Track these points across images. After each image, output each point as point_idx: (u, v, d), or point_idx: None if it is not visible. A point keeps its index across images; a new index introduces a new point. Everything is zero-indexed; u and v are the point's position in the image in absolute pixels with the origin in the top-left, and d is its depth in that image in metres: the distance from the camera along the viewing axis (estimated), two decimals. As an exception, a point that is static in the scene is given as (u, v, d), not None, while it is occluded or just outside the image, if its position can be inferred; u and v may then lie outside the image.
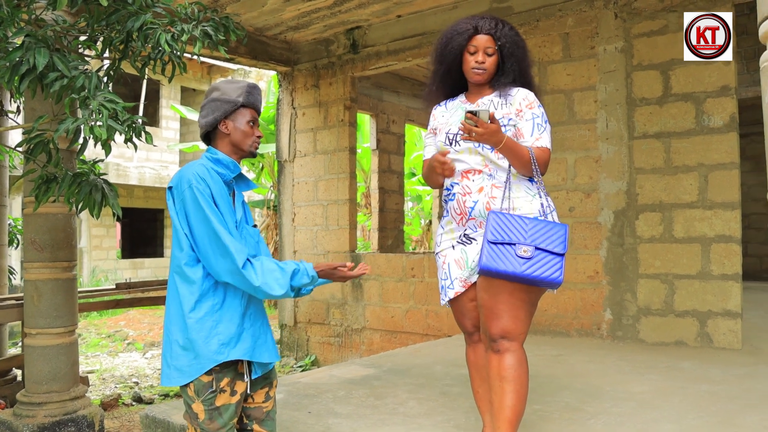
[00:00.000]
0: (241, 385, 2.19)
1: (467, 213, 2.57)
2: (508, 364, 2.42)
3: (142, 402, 6.55)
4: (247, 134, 2.25)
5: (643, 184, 5.20)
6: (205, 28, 3.40)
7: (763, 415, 3.22)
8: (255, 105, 2.28)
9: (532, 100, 2.59)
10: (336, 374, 4.41)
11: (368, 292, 6.97)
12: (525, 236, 2.36)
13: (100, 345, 10.06)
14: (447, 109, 2.75)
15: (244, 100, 2.24)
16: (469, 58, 2.60)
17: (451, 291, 2.65)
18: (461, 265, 2.62)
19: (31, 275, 4.36)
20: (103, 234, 16.70)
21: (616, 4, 5.35)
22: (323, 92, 7.48)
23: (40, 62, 3.04)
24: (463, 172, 2.59)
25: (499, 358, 2.44)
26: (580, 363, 4.54)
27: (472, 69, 2.60)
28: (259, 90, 2.32)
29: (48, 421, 4.19)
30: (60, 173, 3.60)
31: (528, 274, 2.32)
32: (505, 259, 2.34)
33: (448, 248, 2.68)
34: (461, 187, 2.59)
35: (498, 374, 2.44)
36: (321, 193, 7.46)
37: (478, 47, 2.58)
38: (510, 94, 2.61)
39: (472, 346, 2.74)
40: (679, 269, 5.03)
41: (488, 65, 2.59)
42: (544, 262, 2.33)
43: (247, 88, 2.26)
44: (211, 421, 2.14)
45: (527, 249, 2.33)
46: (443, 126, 2.69)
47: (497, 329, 2.45)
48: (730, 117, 4.86)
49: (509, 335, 2.44)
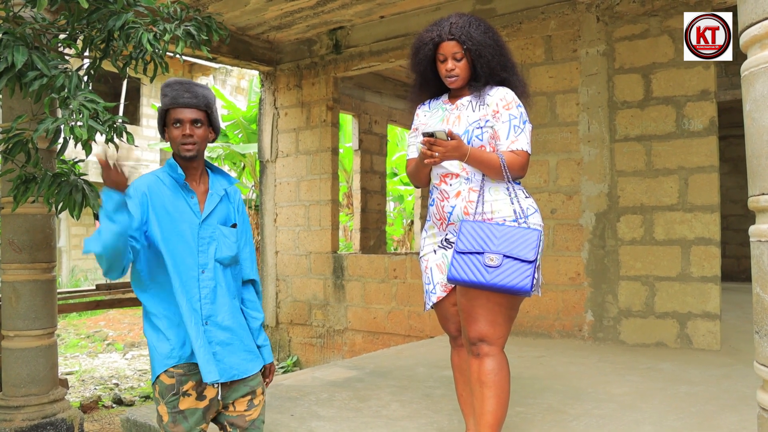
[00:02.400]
0: (211, 391, 2.16)
1: (446, 218, 2.57)
2: (488, 369, 2.42)
3: (122, 404, 6.48)
4: (173, 139, 2.17)
5: (625, 187, 5.25)
6: (187, 27, 3.38)
7: (741, 416, 3.26)
8: (174, 103, 2.16)
9: (510, 100, 2.53)
10: (318, 376, 4.40)
11: (350, 293, 6.96)
12: (495, 243, 2.34)
13: (79, 346, 9.93)
14: (429, 109, 2.75)
15: (163, 104, 2.17)
16: (440, 66, 2.57)
17: (434, 296, 2.65)
18: (442, 269, 2.62)
19: (9, 276, 4.29)
20: (83, 233, 16.51)
21: (598, 8, 5.38)
22: (306, 92, 7.46)
23: (18, 60, 3.00)
24: (442, 176, 2.57)
25: (479, 362, 2.45)
26: (562, 364, 4.56)
27: (444, 77, 2.57)
28: (183, 83, 2.19)
29: (26, 425, 4.13)
30: (39, 173, 3.55)
31: (494, 283, 2.30)
32: (472, 269, 2.33)
33: (431, 252, 2.68)
34: (439, 192, 2.58)
35: (478, 379, 2.44)
36: (303, 193, 7.44)
37: (446, 54, 2.54)
38: (488, 94, 2.57)
39: (456, 350, 2.75)
40: (660, 271, 5.08)
41: (459, 71, 2.54)
42: (511, 271, 2.30)
43: (162, 89, 2.18)
44: (175, 424, 2.12)
45: (494, 257, 2.31)
46: (424, 127, 2.67)
47: (475, 333, 2.45)
48: (709, 121, 4.91)
49: (487, 339, 2.44)
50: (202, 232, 2.18)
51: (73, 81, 3.09)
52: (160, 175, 2.19)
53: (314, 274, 7.28)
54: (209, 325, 2.15)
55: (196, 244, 2.16)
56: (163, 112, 2.18)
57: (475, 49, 2.50)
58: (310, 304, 7.34)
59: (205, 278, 2.16)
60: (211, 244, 2.19)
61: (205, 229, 2.19)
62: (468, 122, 2.53)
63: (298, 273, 7.44)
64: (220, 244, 2.21)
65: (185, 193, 2.20)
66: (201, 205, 2.22)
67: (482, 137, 2.51)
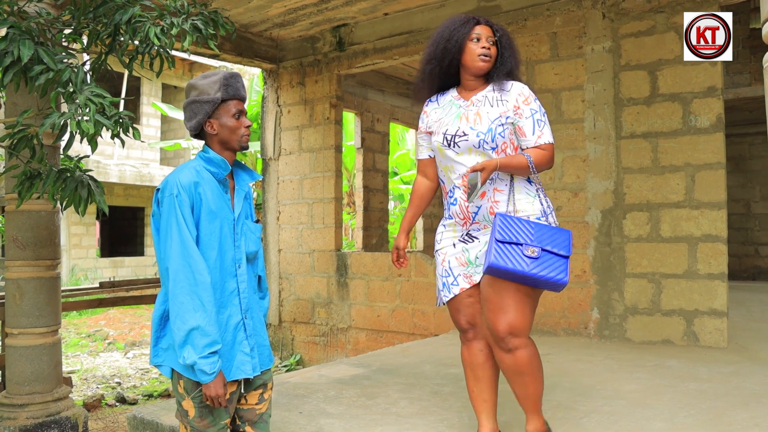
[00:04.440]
0: (232, 385, 2.15)
1: (470, 218, 2.59)
2: (525, 360, 2.49)
3: (125, 402, 6.46)
4: (234, 129, 2.18)
5: (631, 184, 5.22)
6: (194, 21, 3.35)
7: (751, 413, 3.25)
8: (236, 95, 2.20)
9: (528, 95, 2.58)
10: (325, 374, 4.37)
11: (354, 291, 6.93)
12: (532, 237, 2.40)
13: (80, 345, 9.90)
14: (439, 105, 2.71)
15: (224, 94, 2.16)
16: (473, 47, 2.58)
17: (456, 287, 2.63)
18: (462, 261, 2.62)
19: (13, 273, 4.26)
20: (83, 232, 16.47)
21: (603, 4, 5.36)
22: (309, 90, 7.43)
23: (24, 54, 2.97)
24: (464, 177, 2.56)
25: (513, 356, 2.49)
26: (569, 362, 4.54)
27: (478, 56, 2.57)
28: (238, 77, 2.23)
29: (30, 423, 4.10)
30: (44, 169, 3.52)
31: (535, 273, 2.35)
32: (513, 258, 2.36)
33: (449, 246, 2.67)
34: (462, 192, 2.57)
35: (517, 371, 2.50)
36: (306, 191, 7.41)
37: (481, 35, 2.57)
38: (505, 89, 2.58)
39: (467, 345, 2.72)
40: (666, 268, 5.06)
41: (493, 53, 2.58)
42: (550, 263, 2.37)
43: (224, 80, 2.17)
44: (202, 418, 2.11)
45: (534, 249, 2.37)
46: (439, 126, 2.65)
47: (504, 325, 2.46)
48: (716, 117, 4.89)
49: (515, 330, 2.46)
50: (237, 227, 2.20)
51: (79, 75, 3.06)
52: (200, 170, 2.15)
53: (317, 272, 7.25)
54: (248, 318, 2.20)
55: (233, 240, 2.18)
56: (219, 102, 2.16)
57: (505, 39, 2.60)
58: (314, 303, 7.31)
59: (241, 273, 2.20)
60: (242, 240, 2.21)
61: (238, 224, 2.21)
62: (489, 119, 2.54)
63: (301, 271, 7.41)
64: (248, 240, 2.24)
65: (223, 188, 2.19)
66: (232, 200, 2.23)
67: (504, 134, 2.55)
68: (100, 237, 19.23)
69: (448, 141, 2.58)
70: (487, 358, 2.68)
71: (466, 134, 2.54)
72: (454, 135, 2.57)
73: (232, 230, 2.18)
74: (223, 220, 2.16)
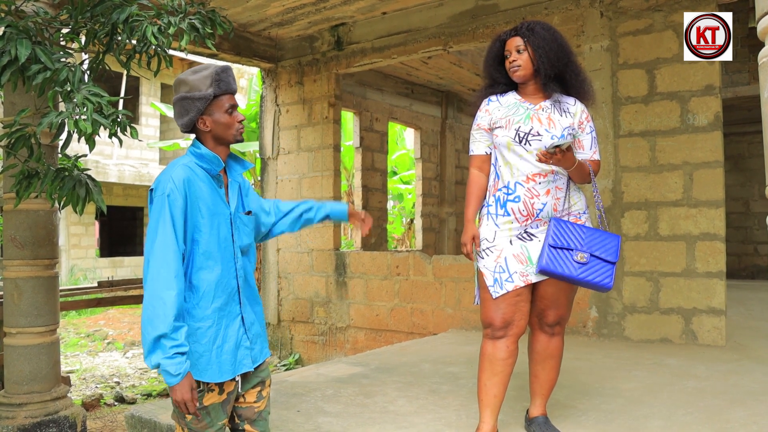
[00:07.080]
0: (230, 385, 2.15)
1: (534, 214, 2.71)
2: (559, 345, 2.89)
3: (124, 402, 6.45)
4: (228, 125, 2.13)
5: (629, 182, 5.23)
6: (192, 21, 3.34)
7: (750, 410, 3.25)
8: (228, 90, 2.14)
9: (588, 114, 2.84)
10: (323, 372, 4.37)
11: (353, 290, 6.93)
12: (582, 243, 2.63)
13: (79, 344, 9.89)
14: (502, 105, 2.82)
15: (216, 89, 2.11)
16: (507, 64, 2.79)
17: (510, 284, 2.69)
18: (522, 260, 2.71)
19: (11, 273, 4.26)
20: (82, 232, 16.47)
21: (601, 3, 5.36)
22: (307, 89, 7.43)
23: (22, 53, 2.96)
24: (530, 176, 2.69)
25: (552, 340, 2.88)
26: (567, 360, 4.50)
27: (509, 69, 2.77)
28: (229, 70, 2.17)
29: (29, 423, 4.10)
30: (42, 168, 3.52)
31: (583, 277, 2.60)
32: (563, 263, 2.60)
33: (505, 243, 2.73)
34: (527, 190, 2.70)
35: (550, 354, 2.88)
36: (305, 190, 7.41)
37: (510, 49, 2.77)
38: (568, 104, 2.78)
39: (493, 342, 2.72)
40: (665, 267, 5.06)
41: (522, 62, 2.72)
42: (597, 268, 2.61)
43: (215, 75, 2.11)
44: (199, 420, 2.10)
45: (584, 255, 2.61)
46: (506, 122, 2.75)
47: (555, 317, 2.82)
48: (714, 116, 4.90)
49: (563, 320, 2.86)
50: (233, 222, 2.18)
51: (76, 74, 3.06)
52: (191, 167, 2.11)
53: (316, 271, 7.26)
54: (245, 311, 2.19)
55: (230, 234, 2.16)
56: (211, 98, 2.11)
57: (535, 41, 2.71)
58: (312, 302, 7.31)
59: (240, 267, 2.19)
60: (237, 233, 2.19)
61: (234, 218, 2.19)
62: (562, 126, 2.72)
63: (300, 270, 7.41)
64: (241, 232, 2.21)
65: (216, 183, 2.16)
66: (227, 195, 2.20)
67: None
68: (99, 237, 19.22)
69: (520, 138, 2.70)
70: (511, 354, 2.72)
71: (540, 135, 2.68)
72: (527, 133, 2.69)
73: (228, 225, 2.15)
74: (220, 215, 2.13)
